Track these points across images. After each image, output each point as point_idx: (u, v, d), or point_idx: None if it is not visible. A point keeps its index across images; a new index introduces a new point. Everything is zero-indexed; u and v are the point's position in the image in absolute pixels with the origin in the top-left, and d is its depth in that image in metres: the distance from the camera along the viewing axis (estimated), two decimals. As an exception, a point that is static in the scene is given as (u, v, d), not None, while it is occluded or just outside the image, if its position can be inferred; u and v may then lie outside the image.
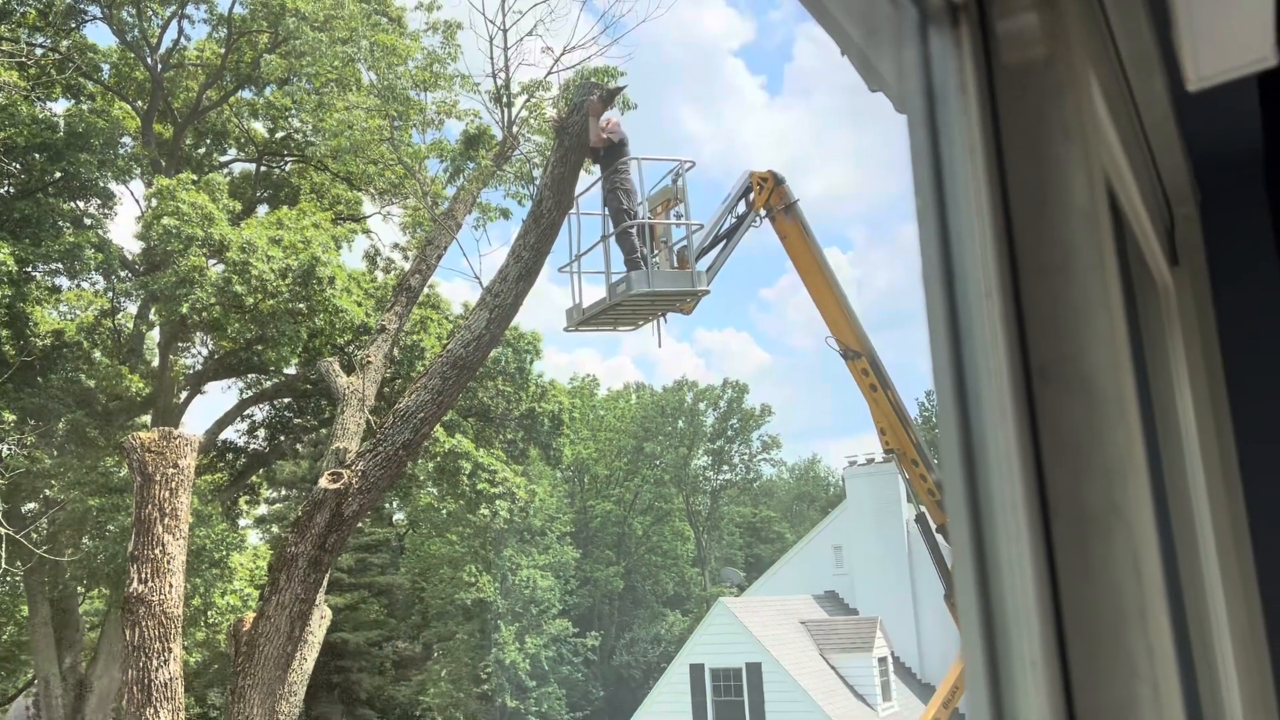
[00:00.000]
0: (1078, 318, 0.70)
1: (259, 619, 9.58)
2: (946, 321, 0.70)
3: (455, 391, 10.48)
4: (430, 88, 14.82)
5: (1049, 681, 0.65)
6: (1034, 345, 0.71)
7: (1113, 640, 0.66)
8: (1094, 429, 0.68)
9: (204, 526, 18.70)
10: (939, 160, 0.72)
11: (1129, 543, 0.67)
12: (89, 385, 21.28)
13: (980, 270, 0.69)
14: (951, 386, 0.69)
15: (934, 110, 0.73)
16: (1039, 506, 0.68)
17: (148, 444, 8.50)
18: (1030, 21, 0.74)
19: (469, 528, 39.30)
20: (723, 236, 12.04)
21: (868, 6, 0.78)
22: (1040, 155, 0.73)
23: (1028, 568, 0.66)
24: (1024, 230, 0.72)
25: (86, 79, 22.31)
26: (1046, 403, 0.70)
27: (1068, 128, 0.72)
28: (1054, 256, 0.71)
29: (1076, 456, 0.69)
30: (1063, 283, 0.71)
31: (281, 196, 24.33)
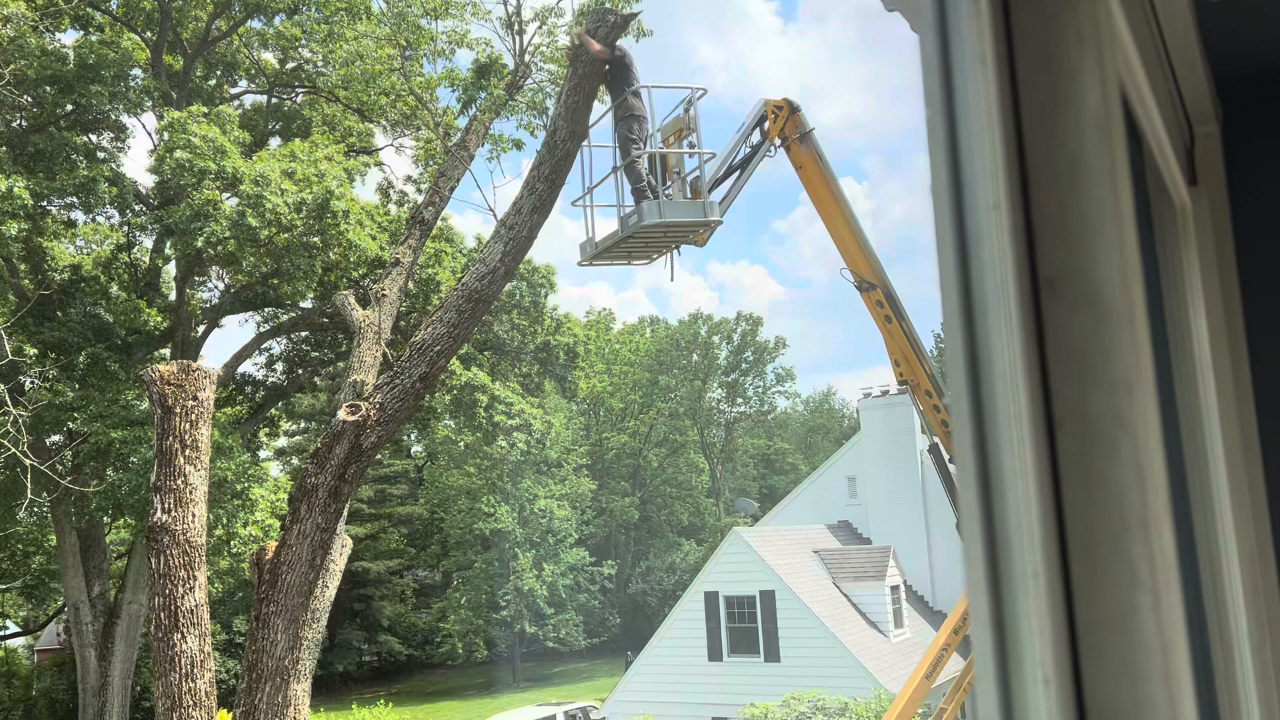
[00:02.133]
0: (1087, 230, 0.70)
1: (281, 548, 9.75)
2: (954, 233, 0.69)
3: (471, 324, 10.50)
4: (441, 16, 14.58)
5: (1049, 590, 0.65)
6: (1042, 257, 0.70)
7: (1114, 550, 0.66)
8: (1101, 342, 0.68)
9: (225, 458, 18.97)
10: (949, 70, 0.71)
11: (1133, 454, 0.67)
12: (108, 319, 21.44)
13: (990, 181, 0.68)
14: (958, 298, 0.69)
15: (945, 19, 0.71)
16: (1044, 418, 0.68)
17: (167, 377, 8.57)
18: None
19: (486, 459, 39.75)
20: (736, 166, 11.91)
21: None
22: (1052, 63, 0.71)
23: (1031, 479, 0.66)
24: (1035, 141, 0.71)
25: (94, 9, 22.04)
26: (1054, 315, 0.70)
27: (1082, 35, 0.71)
28: (1065, 167, 0.70)
29: (1082, 368, 0.69)
30: (1073, 194, 0.70)
31: (293, 129, 24.15)
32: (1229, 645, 1.30)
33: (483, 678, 46.70)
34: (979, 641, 0.67)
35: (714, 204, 10.43)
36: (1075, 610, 0.66)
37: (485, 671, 47.34)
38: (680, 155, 10.50)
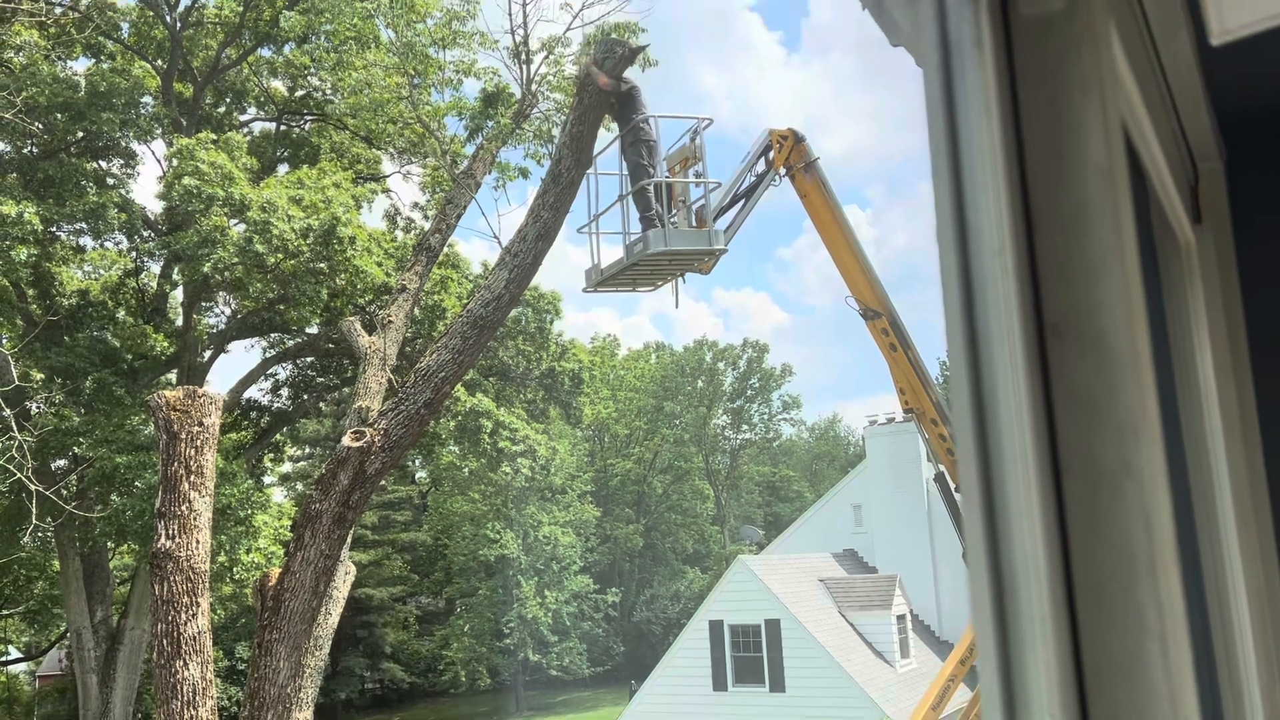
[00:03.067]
0: (1092, 274, 0.70)
1: (284, 574, 9.72)
2: (959, 277, 0.70)
3: (476, 351, 10.52)
4: (449, 45, 14.72)
5: (1057, 636, 0.65)
6: (1048, 302, 0.70)
7: (1121, 596, 0.66)
8: (1107, 385, 0.68)
9: (228, 484, 18.95)
10: (954, 115, 0.71)
11: (1140, 499, 0.67)
12: (114, 344, 21.50)
13: (995, 226, 0.69)
14: (963, 342, 0.69)
15: (949, 64, 0.72)
16: (1050, 462, 0.68)
17: (173, 402, 8.58)
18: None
19: (490, 486, 39.66)
20: (742, 195, 11.96)
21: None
22: (1057, 110, 0.72)
23: (1037, 523, 0.66)
24: (1039, 185, 0.72)
25: (106, 38, 22.28)
26: (1059, 359, 0.70)
27: (1085, 82, 0.71)
28: (1069, 212, 0.71)
29: (1089, 413, 0.69)
30: (1077, 239, 0.70)
31: (301, 156, 24.32)
32: (1239, 691, 1.29)
33: (486, 706, 46.38)
34: (987, 687, 0.66)
35: (719, 232, 10.47)
36: (1083, 657, 0.65)
37: (489, 700, 47.02)
38: (686, 184, 10.55)
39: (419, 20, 15.52)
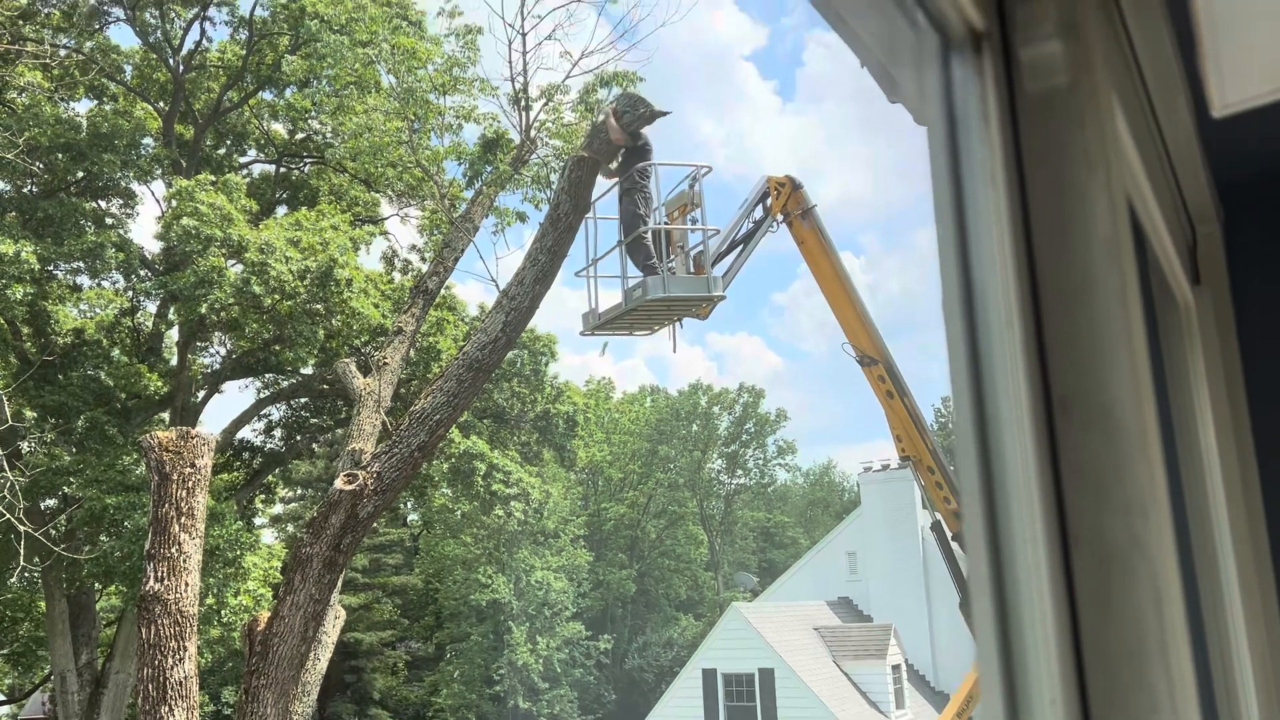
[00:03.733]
0: (1099, 349, 0.70)
1: (273, 619, 9.61)
2: (967, 351, 0.69)
3: (471, 394, 10.49)
4: (449, 91, 14.87)
5: (1068, 717, 0.64)
6: (1055, 376, 0.70)
7: (1133, 675, 0.65)
8: (1115, 463, 0.68)
9: (218, 526, 18.81)
10: (960, 189, 0.71)
11: (1151, 577, 0.66)
12: (108, 383, 21.44)
13: (1001, 300, 0.68)
14: (971, 417, 0.68)
15: (955, 138, 0.72)
16: (1059, 540, 0.68)
17: (166, 443, 8.54)
18: (1054, 49, 0.73)
19: (483, 529, 39.38)
20: (739, 241, 12.03)
21: (889, 29, 0.77)
22: (1062, 184, 0.72)
23: (1047, 601, 0.65)
24: (1045, 259, 0.72)
25: (109, 80, 22.48)
26: (1067, 435, 0.69)
27: (1090, 157, 0.72)
28: (1075, 286, 0.71)
29: (1098, 490, 0.68)
30: (1084, 313, 0.70)
31: (300, 197, 24.45)
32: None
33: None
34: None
35: (717, 279, 10.51)
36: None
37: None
38: (684, 230, 10.61)
39: (420, 66, 15.69)
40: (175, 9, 22.11)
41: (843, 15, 0.78)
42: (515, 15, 12.05)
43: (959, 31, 0.73)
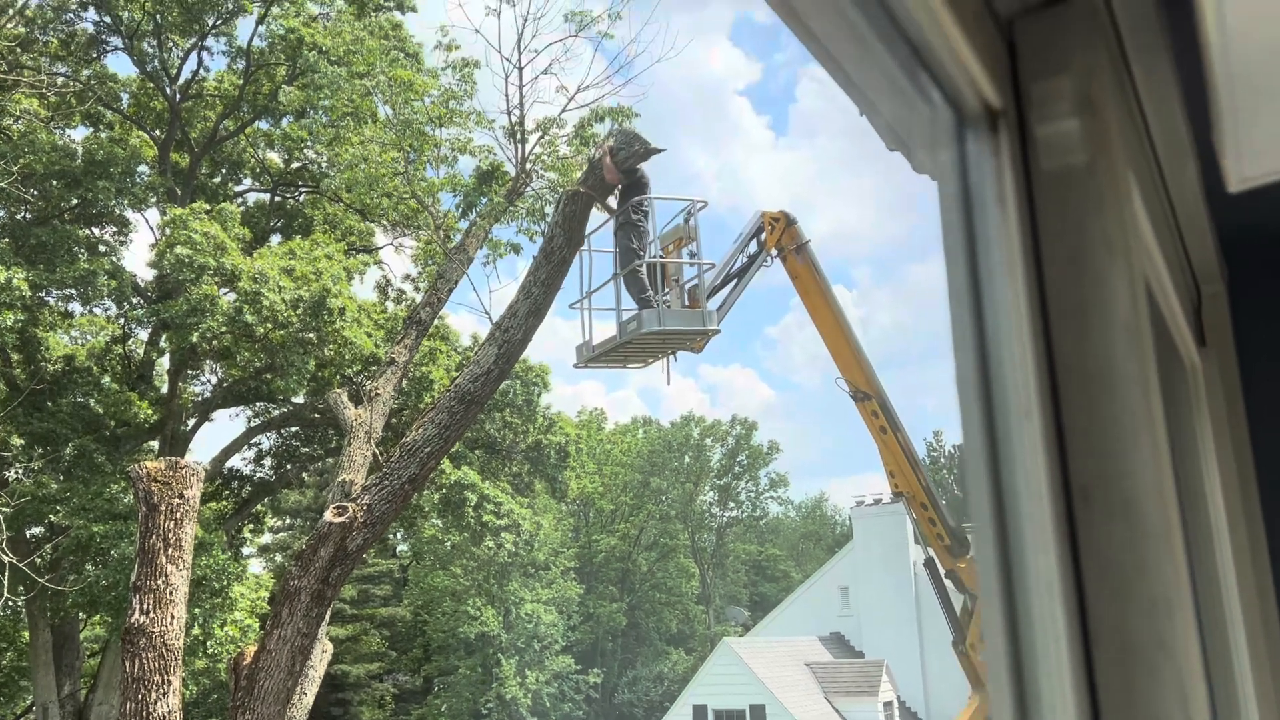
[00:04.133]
0: (1121, 438, 0.68)
1: (259, 653, 9.49)
2: (984, 441, 0.67)
3: (463, 426, 10.45)
4: (446, 124, 14.93)
5: (1091, 827, 0.61)
6: (1075, 465, 0.68)
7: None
8: (1138, 557, 0.65)
9: (206, 555, 18.64)
10: (976, 269, 0.70)
11: (1175, 677, 0.64)
12: (98, 411, 21.31)
13: (1021, 386, 0.67)
14: (990, 508, 0.66)
15: (971, 216, 0.70)
16: (1081, 636, 0.65)
17: (154, 473, 8.46)
18: (1071, 127, 0.72)
19: (473, 560, 39.11)
20: (734, 275, 12.06)
21: (903, 104, 0.76)
22: (1081, 268, 0.70)
23: (1070, 703, 0.62)
24: (1064, 345, 0.70)
25: (106, 108, 22.55)
26: (1088, 527, 0.67)
27: (1110, 241, 0.70)
28: (1096, 373, 0.69)
29: (1120, 586, 0.66)
30: (1105, 401, 0.68)
31: (295, 226, 24.47)
32: None
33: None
34: None
35: (712, 313, 10.53)
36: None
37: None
38: (679, 264, 10.64)
39: (416, 98, 15.76)
40: (173, 38, 22.23)
41: (855, 83, 0.76)
42: (512, 49, 12.13)
43: (974, 108, 0.72)
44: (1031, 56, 0.74)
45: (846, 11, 0.62)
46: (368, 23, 20.55)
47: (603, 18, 13.60)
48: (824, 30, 0.72)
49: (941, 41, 0.63)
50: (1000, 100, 0.72)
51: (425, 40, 22.06)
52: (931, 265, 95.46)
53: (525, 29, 12.16)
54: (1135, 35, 0.84)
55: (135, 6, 21.04)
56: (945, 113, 0.72)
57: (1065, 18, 0.74)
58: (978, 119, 0.72)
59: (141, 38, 21.87)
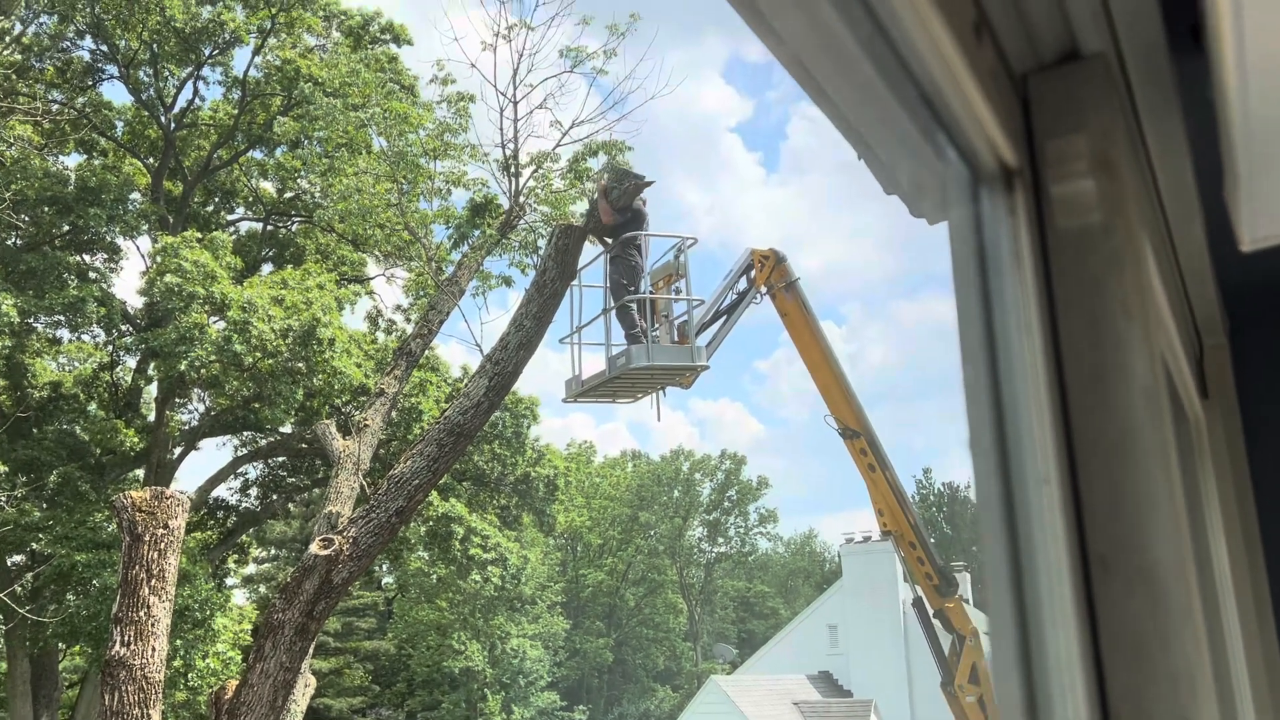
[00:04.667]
0: (1141, 506, 0.66)
1: (241, 687, 9.35)
2: (1002, 509, 0.65)
3: (452, 458, 10.38)
4: (440, 157, 14.99)
5: None
6: (1093, 533, 0.66)
7: None
8: (1159, 630, 0.63)
9: (189, 586, 18.43)
10: (992, 330, 0.68)
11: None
12: (83, 438, 21.15)
13: (1039, 452, 0.65)
14: (1008, 579, 0.64)
15: (986, 276, 0.69)
16: (1100, 710, 0.63)
17: (139, 503, 8.37)
18: (1087, 187, 0.70)
19: (459, 594, 38.76)
20: (723, 312, 12.08)
21: (916, 161, 0.74)
22: (1099, 332, 0.69)
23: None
24: (1083, 410, 0.68)
25: (100, 135, 22.58)
26: (1108, 597, 0.65)
27: (1129, 306, 0.69)
28: (1115, 440, 0.67)
29: (1140, 659, 0.64)
30: (1125, 468, 0.67)
31: (287, 256, 24.46)
32: None
33: (443, 827, 44.31)
34: None
35: (701, 349, 10.52)
36: None
37: (446, 820, 44.95)
38: (669, 300, 10.65)
39: (411, 131, 15.83)
40: (169, 68, 22.32)
41: (866, 139, 0.75)
42: (508, 84, 12.20)
43: (990, 167, 0.70)
44: (1046, 114, 0.73)
45: (862, 69, 0.61)
46: (364, 55, 20.69)
47: (597, 54, 13.72)
48: (840, 90, 0.71)
49: (959, 99, 0.62)
50: (1016, 159, 0.71)
51: (421, 74, 22.23)
52: (921, 303, 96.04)
53: (521, 64, 12.25)
54: (1147, 92, 0.84)
55: (132, 35, 21.14)
56: (960, 170, 0.71)
57: (1079, 75, 0.73)
58: (993, 177, 0.71)
59: (137, 66, 21.95)
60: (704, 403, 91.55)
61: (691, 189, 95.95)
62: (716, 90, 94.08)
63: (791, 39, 0.63)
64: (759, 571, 64.68)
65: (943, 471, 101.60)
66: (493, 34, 12.52)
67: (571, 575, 53.17)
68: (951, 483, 64.94)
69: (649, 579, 54.39)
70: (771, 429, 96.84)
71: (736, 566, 61.76)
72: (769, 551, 65.58)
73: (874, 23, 0.56)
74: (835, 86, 0.74)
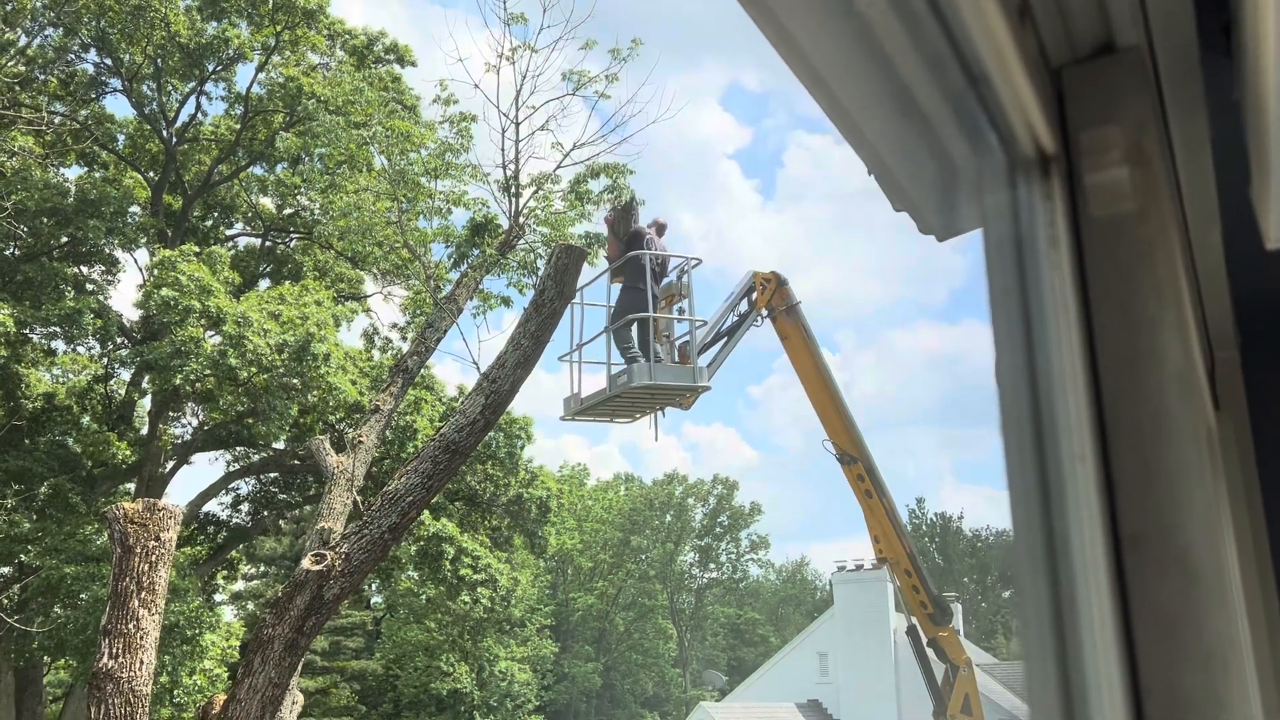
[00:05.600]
0: (1173, 486, 0.67)
1: (229, 702, 9.27)
2: (1036, 486, 0.66)
3: (446, 476, 10.34)
4: (441, 176, 15.04)
5: None
6: (1124, 512, 0.67)
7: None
8: (1189, 609, 0.64)
9: (179, 601, 18.30)
10: (1029, 316, 0.69)
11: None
12: (75, 450, 21.06)
13: (1074, 431, 0.66)
14: (1042, 556, 0.65)
15: (1021, 262, 0.70)
16: (1132, 690, 0.63)
17: (131, 515, 8.33)
18: (1121, 176, 0.72)
19: (448, 615, 38.52)
20: (724, 334, 12.11)
21: (944, 146, 0.76)
22: (1133, 316, 0.70)
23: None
24: (1115, 393, 0.69)
25: (101, 148, 22.63)
26: (1139, 576, 0.66)
27: (1160, 290, 0.70)
28: (1149, 422, 0.68)
29: (1172, 639, 0.64)
30: (1158, 450, 0.68)
31: (285, 272, 24.48)
32: None
33: None
34: None
35: (702, 369, 10.55)
36: None
37: (429, 845, 44.44)
38: (670, 320, 10.68)
39: (413, 149, 15.90)
40: (173, 82, 22.41)
41: (885, 144, 0.77)
42: (510, 105, 12.27)
43: (1028, 153, 0.72)
44: (1081, 104, 0.74)
45: (905, 57, 0.63)
46: (367, 74, 20.80)
47: (599, 78, 13.81)
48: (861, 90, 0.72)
49: (1005, 82, 0.64)
50: (1053, 145, 0.72)
51: (424, 94, 22.34)
52: (916, 333, 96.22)
53: (523, 86, 12.33)
54: (1175, 89, 0.85)
55: (136, 50, 21.24)
56: (999, 157, 0.72)
57: (1115, 67, 0.74)
58: (1030, 164, 0.72)
59: (141, 80, 22.05)
60: (696, 427, 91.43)
61: (688, 214, 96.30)
62: (714, 117, 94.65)
63: (811, 44, 0.64)
64: (750, 598, 64.37)
65: (936, 502, 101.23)
66: (496, 55, 12.61)
67: (561, 598, 52.88)
68: (944, 513, 64.87)
69: (639, 604, 54.11)
70: (765, 455, 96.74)
71: (727, 593, 61.47)
72: (760, 578, 65.30)
73: (926, 3, 0.57)
74: (855, 91, 0.75)
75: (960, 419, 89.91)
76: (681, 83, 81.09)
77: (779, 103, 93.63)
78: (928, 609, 14.46)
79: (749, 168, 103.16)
